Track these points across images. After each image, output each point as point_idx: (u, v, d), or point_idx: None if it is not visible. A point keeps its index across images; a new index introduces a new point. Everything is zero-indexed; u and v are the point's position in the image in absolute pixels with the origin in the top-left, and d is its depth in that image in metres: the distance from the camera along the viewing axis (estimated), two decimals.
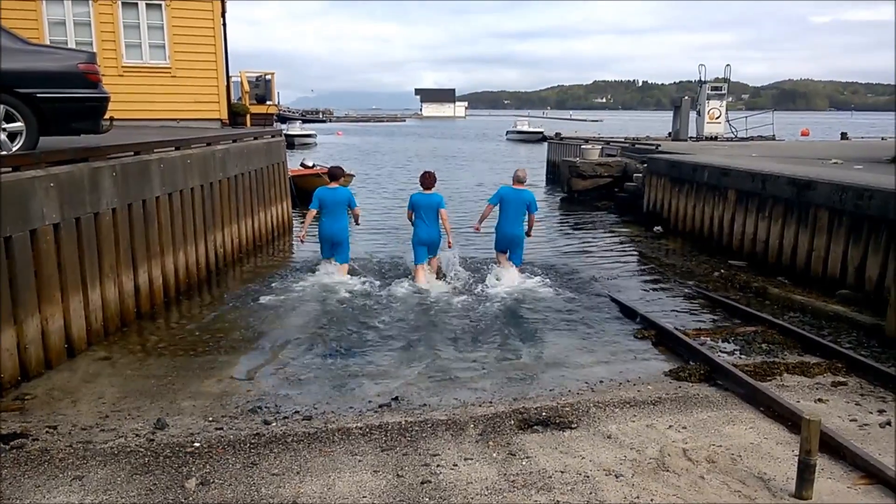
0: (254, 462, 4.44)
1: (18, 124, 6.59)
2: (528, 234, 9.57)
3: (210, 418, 5.21)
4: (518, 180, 9.37)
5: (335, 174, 9.63)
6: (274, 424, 5.10)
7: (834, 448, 4.45)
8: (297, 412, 5.37)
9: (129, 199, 7.52)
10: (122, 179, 7.37)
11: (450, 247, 9.37)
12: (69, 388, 5.79)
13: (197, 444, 4.69)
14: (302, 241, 9.96)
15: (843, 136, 31.35)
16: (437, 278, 9.51)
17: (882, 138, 29.71)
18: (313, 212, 9.31)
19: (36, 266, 5.95)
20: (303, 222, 10.00)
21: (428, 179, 9.32)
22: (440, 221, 9.18)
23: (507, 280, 9.24)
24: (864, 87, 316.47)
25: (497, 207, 9.41)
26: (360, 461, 4.46)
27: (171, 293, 8.54)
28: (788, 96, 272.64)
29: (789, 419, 4.95)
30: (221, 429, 5.01)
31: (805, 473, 3.90)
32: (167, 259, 8.45)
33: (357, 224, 10.00)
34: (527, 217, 9.39)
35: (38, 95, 6.67)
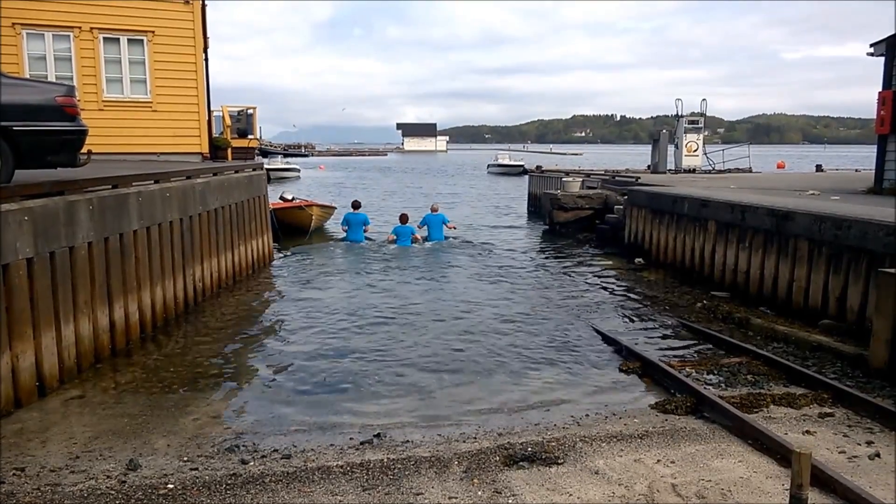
0: None
1: None
2: (453, 229, 17.07)
3: (185, 458, 5.04)
4: (433, 209, 16.94)
5: (356, 204, 16.81)
6: (252, 464, 4.93)
7: (824, 481, 4.37)
8: (275, 450, 5.21)
9: (105, 233, 7.39)
10: (99, 213, 7.25)
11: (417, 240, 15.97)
12: (39, 427, 5.58)
13: (171, 486, 4.51)
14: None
15: (819, 168, 31.96)
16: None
17: (856, 170, 30.31)
18: (343, 228, 16.39)
19: (7, 301, 5.79)
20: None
21: (404, 218, 16.29)
22: (412, 240, 15.88)
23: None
24: (836, 120, 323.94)
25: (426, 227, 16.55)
26: (340, 501, 4.31)
27: (148, 329, 8.36)
28: (762, 130, 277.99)
29: (778, 452, 4.89)
30: (196, 469, 4.83)
31: None
32: (144, 294, 8.28)
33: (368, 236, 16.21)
34: (445, 227, 16.51)
35: (14, 128, 6.56)
